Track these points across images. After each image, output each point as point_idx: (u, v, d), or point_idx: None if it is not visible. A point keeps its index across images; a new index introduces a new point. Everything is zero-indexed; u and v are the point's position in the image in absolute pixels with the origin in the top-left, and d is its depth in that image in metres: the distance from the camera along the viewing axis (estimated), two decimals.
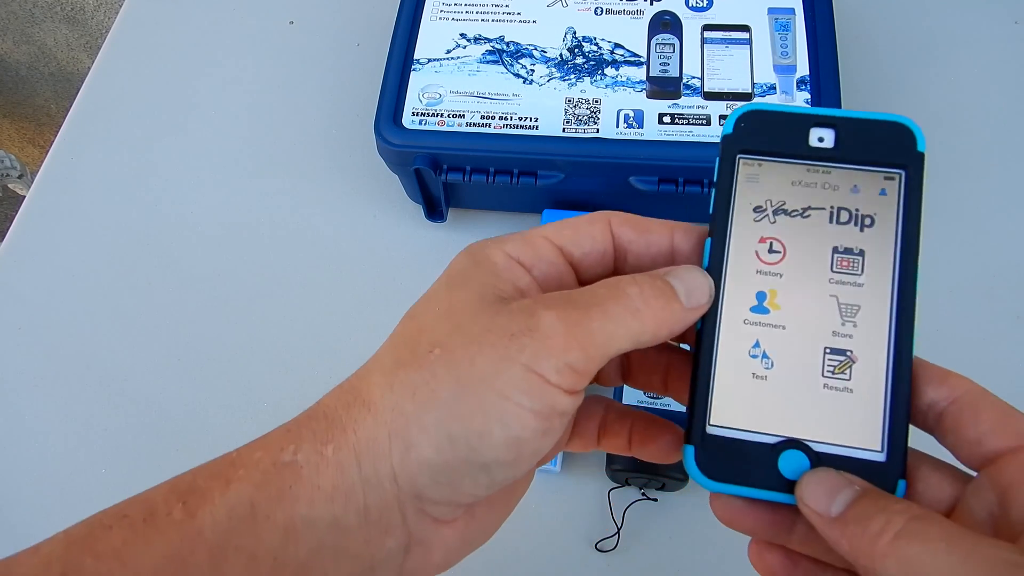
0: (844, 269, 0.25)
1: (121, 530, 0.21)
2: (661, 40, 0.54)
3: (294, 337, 0.57)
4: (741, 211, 0.26)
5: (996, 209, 0.57)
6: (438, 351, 0.22)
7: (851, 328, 0.24)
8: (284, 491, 0.22)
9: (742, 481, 0.24)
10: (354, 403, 0.23)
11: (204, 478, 0.23)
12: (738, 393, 0.25)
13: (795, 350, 0.25)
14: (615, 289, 0.23)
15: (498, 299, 0.23)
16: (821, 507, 0.22)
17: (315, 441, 0.23)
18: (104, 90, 0.69)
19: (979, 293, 0.54)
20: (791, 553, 0.25)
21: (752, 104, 0.27)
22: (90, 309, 0.59)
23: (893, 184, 0.25)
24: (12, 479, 0.53)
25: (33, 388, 0.56)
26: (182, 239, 0.61)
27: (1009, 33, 0.63)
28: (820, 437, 0.24)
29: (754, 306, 0.25)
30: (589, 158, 0.51)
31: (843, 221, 0.25)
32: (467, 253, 0.25)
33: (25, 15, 1.19)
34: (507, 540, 0.49)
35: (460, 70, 0.54)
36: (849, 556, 0.21)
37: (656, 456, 0.28)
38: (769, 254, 0.25)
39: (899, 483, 0.23)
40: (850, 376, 0.24)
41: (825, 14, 0.53)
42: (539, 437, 0.22)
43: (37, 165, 1.02)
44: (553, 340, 0.22)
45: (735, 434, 0.24)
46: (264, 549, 0.21)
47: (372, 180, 0.61)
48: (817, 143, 0.26)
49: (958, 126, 0.60)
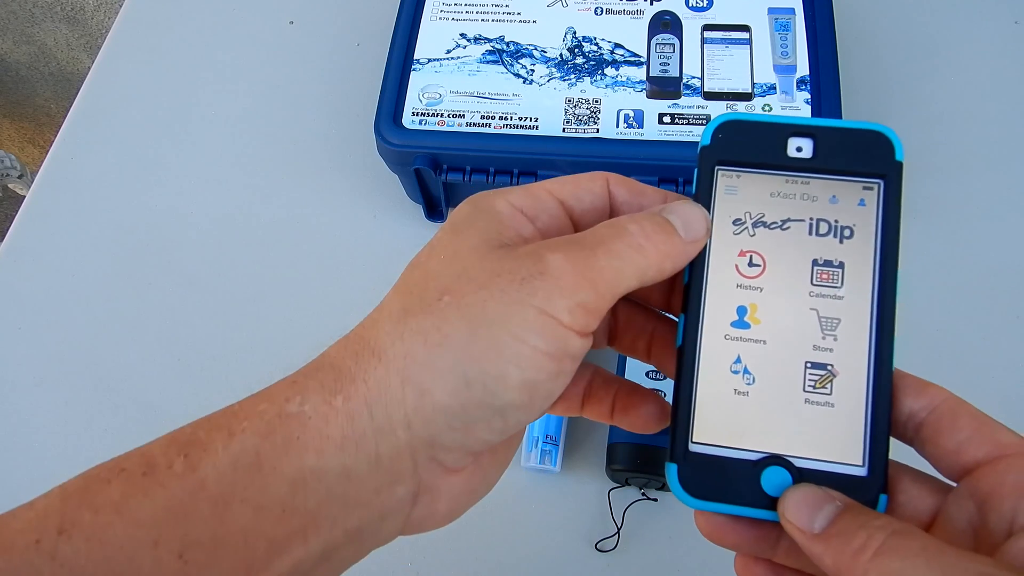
0: (824, 282, 0.25)
1: (120, 483, 0.21)
2: (661, 40, 0.54)
3: (294, 337, 0.57)
4: (720, 224, 0.26)
5: (996, 209, 0.57)
6: (447, 297, 0.22)
7: (832, 342, 0.24)
8: (291, 441, 0.21)
9: (725, 499, 0.24)
10: (362, 352, 0.23)
11: (205, 430, 0.22)
12: (720, 410, 0.24)
13: (776, 365, 0.24)
14: (616, 228, 0.23)
15: (503, 245, 0.23)
16: (803, 523, 0.22)
17: (323, 391, 0.22)
18: (104, 90, 0.69)
19: (979, 293, 0.54)
20: (776, 567, 0.25)
21: (729, 114, 0.26)
22: (90, 309, 0.59)
23: (872, 194, 0.25)
24: (12, 479, 0.53)
25: (33, 388, 0.56)
26: (182, 239, 0.61)
27: (1009, 33, 0.63)
28: (802, 453, 0.24)
29: (735, 321, 0.25)
30: (589, 158, 0.51)
31: (822, 233, 0.25)
32: (470, 203, 0.25)
33: (25, 15, 1.19)
34: (507, 540, 0.49)
35: (460, 70, 0.54)
36: (832, 572, 0.21)
37: (636, 425, 0.28)
38: (749, 267, 0.25)
39: (880, 498, 0.23)
40: (831, 390, 0.24)
41: (825, 14, 0.54)
42: (552, 379, 0.23)
43: (37, 165, 1.02)
44: (563, 280, 0.22)
45: (717, 451, 0.24)
46: (271, 500, 0.21)
47: (372, 180, 0.61)
48: (796, 153, 0.25)
49: (958, 126, 0.60)
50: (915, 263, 0.55)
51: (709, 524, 0.25)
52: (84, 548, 0.20)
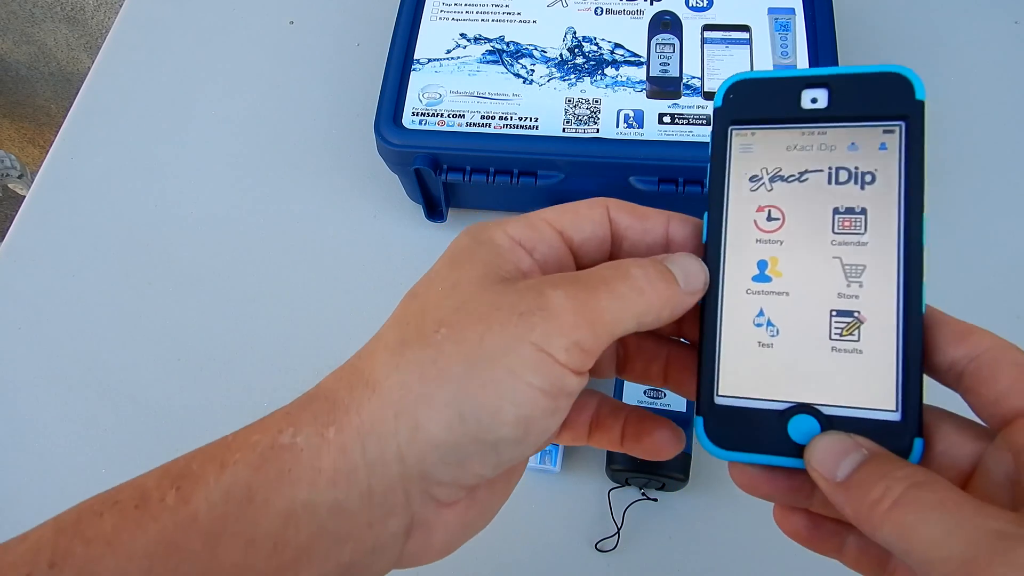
0: (846, 229, 0.24)
1: (112, 516, 0.21)
2: (661, 40, 0.54)
3: (294, 337, 0.57)
4: (737, 182, 0.26)
5: (996, 209, 0.57)
6: (445, 330, 0.22)
7: (857, 288, 0.24)
8: (283, 474, 0.21)
9: (753, 448, 0.24)
10: (357, 384, 0.23)
11: (198, 462, 0.22)
12: (745, 362, 0.25)
13: (800, 315, 0.24)
14: (620, 269, 0.23)
15: (502, 278, 0.23)
16: (827, 471, 0.22)
17: (316, 423, 0.22)
18: (104, 90, 0.69)
19: (979, 293, 0.54)
20: (814, 515, 0.25)
21: (740, 74, 0.26)
22: (90, 309, 0.59)
23: (893, 137, 0.24)
24: (12, 479, 0.54)
25: (33, 388, 0.56)
26: (182, 239, 0.61)
27: (1009, 33, 0.63)
28: (830, 400, 0.24)
29: (756, 275, 0.25)
30: (589, 158, 0.51)
31: (842, 181, 0.25)
32: (469, 233, 0.25)
33: (25, 15, 1.19)
34: (507, 540, 0.49)
35: (460, 70, 0.54)
36: (853, 521, 0.21)
37: (649, 452, 0.28)
38: (768, 222, 0.25)
39: (916, 441, 0.22)
40: (859, 337, 0.24)
41: (825, 14, 0.53)
42: (547, 416, 0.22)
43: (37, 165, 1.02)
44: (562, 319, 0.22)
45: (744, 403, 0.24)
46: (262, 534, 0.21)
47: (372, 180, 0.61)
48: (811, 104, 0.25)
49: (958, 126, 0.60)
50: None
51: (743, 476, 0.25)
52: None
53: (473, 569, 0.48)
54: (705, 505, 0.49)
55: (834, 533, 0.25)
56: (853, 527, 0.24)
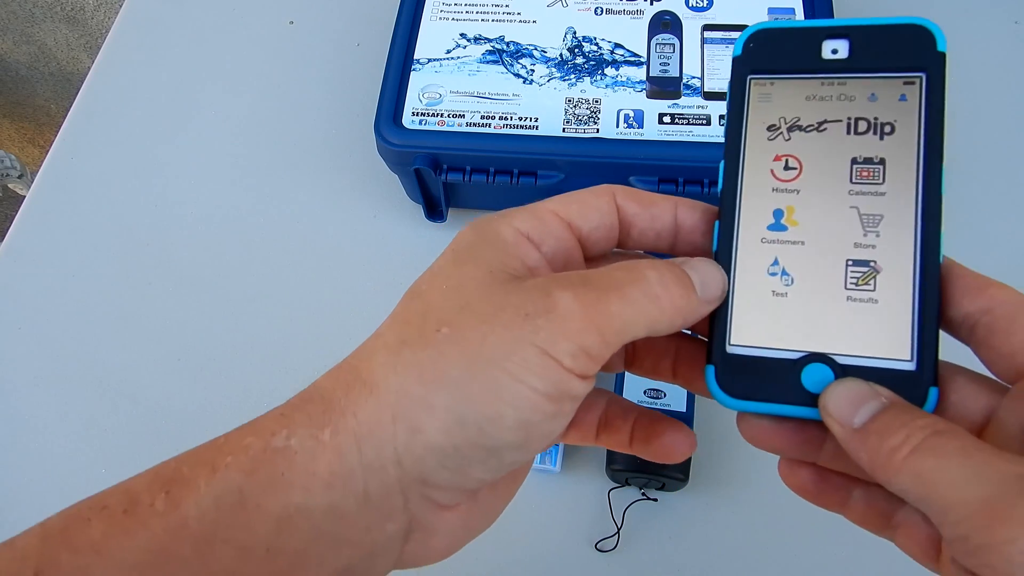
0: (864, 179, 0.24)
1: (100, 522, 0.20)
2: (661, 40, 0.54)
3: (294, 337, 0.57)
4: (754, 131, 0.25)
5: (996, 209, 0.57)
6: (446, 329, 0.21)
7: (874, 238, 0.24)
8: (276, 478, 0.21)
9: (765, 397, 0.24)
10: (354, 384, 0.22)
11: (189, 465, 0.21)
12: (758, 311, 0.24)
13: (816, 264, 0.24)
14: (634, 272, 0.22)
15: (509, 276, 0.22)
16: (844, 417, 0.21)
17: (310, 425, 0.21)
18: (104, 90, 0.69)
19: None
20: (821, 469, 0.25)
21: (761, 23, 0.26)
22: (90, 309, 0.59)
23: (913, 88, 0.24)
24: (12, 479, 0.53)
25: (33, 388, 0.56)
26: (182, 239, 0.61)
27: (1009, 33, 0.63)
28: (845, 350, 0.23)
29: (771, 224, 0.25)
30: (589, 158, 0.51)
31: (861, 131, 0.24)
32: (474, 228, 0.24)
33: (25, 15, 1.19)
34: (507, 540, 0.49)
35: (460, 70, 0.54)
36: (868, 468, 0.21)
37: (659, 455, 0.27)
38: (785, 171, 0.25)
39: (931, 391, 0.22)
40: (874, 287, 0.23)
41: (825, 14, 0.53)
42: (549, 420, 0.22)
43: (37, 165, 1.02)
44: (570, 322, 0.21)
45: (756, 352, 0.24)
46: (255, 540, 0.20)
47: (372, 180, 0.61)
48: (831, 55, 0.25)
49: (958, 126, 0.59)
50: None
51: (751, 427, 0.24)
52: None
53: (473, 569, 0.47)
54: (705, 505, 0.49)
55: (840, 487, 0.24)
56: (859, 482, 0.24)
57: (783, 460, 0.25)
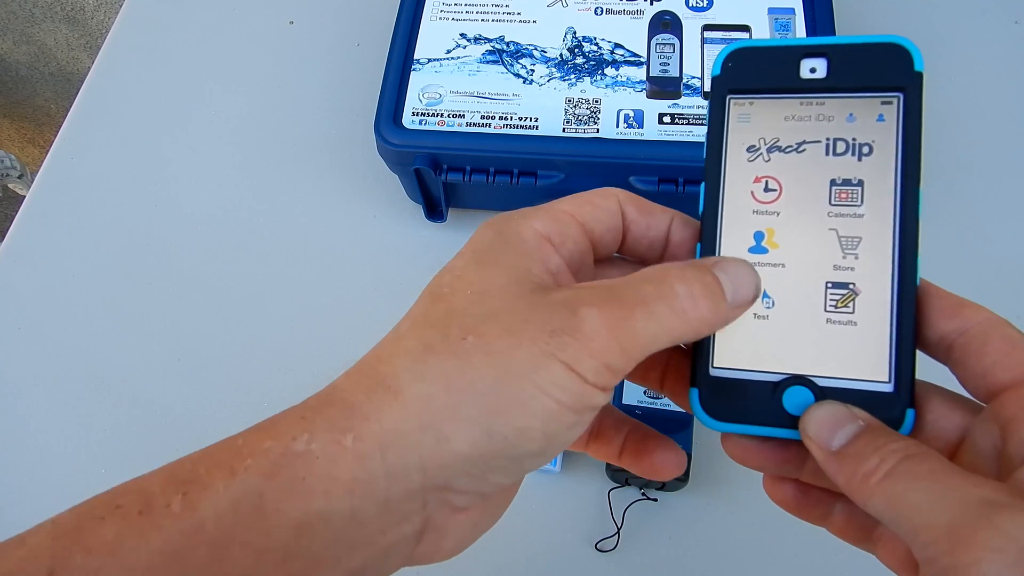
0: (843, 201, 0.24)
1: (114, 522, 0.20)
2: (661, 40, 0.54)
3: (294, 337, 0.57)
4: (734, 152, 0.25)
5: (996, 209, 0.57)
6: (472, 338, 0.21)
7: (852, 260, 0.24)
8: (296, 483, 0.20)
9: (747, 420, 0.24)
10: (376, 389, 0.22)
11: (206, 466, 0.21)
12: (740, 334, 0.24)
13: (796, 287, 0.24)
14: (662, 287, 0.22)
15: (534, 285, 0.23)
16: (823, 440, 0.22)
17: (332, 430, 0.21)
18: (104, 90, 0.69)
19: (979, 293, 0.53)
20: (803, 484, 0.25)
21: (739, 42, 0.26)
22: (90, 309, 0.59)
23: (891, 108, 0.24)
24: (12, 479, 0.53)
25: (33, 388, 0.56)
26: (182, 239, 0.61)
27: (1009, 33, 0.63)
28: (825, 372, 0.24)
29: (752, 246, 0.25)
30: (589, 158, 0.51)
31: (840, 152, 0.25)
32: (493, 228, 0.24)
33: (25, 15, 1.19)
34: (507, 540, 0.49)
35: (460, 70, 0.54)
36: (845, 491, 0.21)
37: (647, 472, 0.27)
38: (765, 193, 0.25)
39: (908, 412, 0.23)
40: (853, 309, 0.24)
41: (825, 14, 0.53)
42: (569, 430, 0.22)
43: (37, 165, 1.02)
44: (595, 342, 0.21)
45: (738, 374, 0.24)
46: (273, 544, 0.20)
47: (372, 180, 0.61)
48: (809, 74, 0.25)
49: (958, 126, 0.60)
50: None
51: (735, 447, 0.25)
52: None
53: (473, 569, 0.47)
54: (705, 505, 0.49)
55: (821, 501, 0.25)
56: (841, 496, 0.24)
57: (767, 476, 0.25)
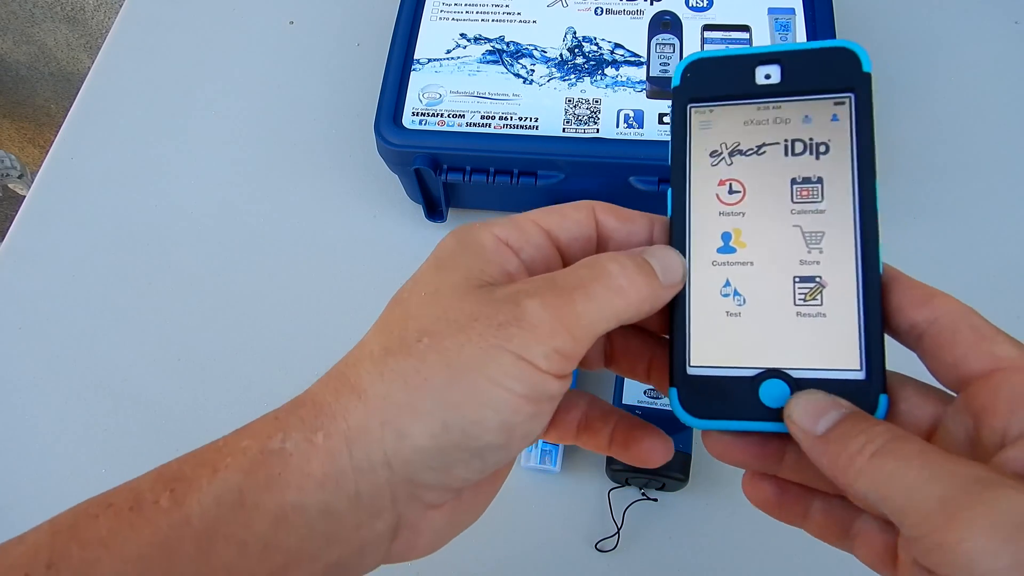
0: (804, 198, 0.25)
1: (107, 518, 0.21)
2: (661, 40, 0.54)
3: (294, 337, 0.57)
4: (697, 158, 0.26)
5: (996, 209, 0.57)
6: (427, 339, 0.22)
7: (817, 254, 0.25)
8: (273, 478, 0.22)
9: (726, 415, 0.25)
10: (343, 390, 0.23)
11: (191, 466, 0.22)
12: (714, 332, 0.25)
13: (765, 283, 0.25)
14: (596, 268, 0.24)
15: (484, 284, 0.24)
16: (807, 426, 0.23)
17: (304, 429, 0.22)
18: (104, 90, 0.69)
19: (980, 293, 0.53)
20: (781, 483, 0.26)
21: (696, 54, 0.27)
22: (90, 309, 0.59)
23: (844, 108, 0.25)
24: (12, 479, 0.54)
25: (33, 388, 0.56)
26: (182, 239, 0.61)
27: (1009, 33, 0.63)
28: (799, 364, 0.24)
29: (720, 247, 0.26)
30: (589, 158, 0.51)
31: (798, 152, 0.26)
32: (455, 235, 0.25)
33: (25, 15, 1.19)
34: (507, 540, 0.49)
35: (460, 70, 0.54)
36: (828, 473, 0.22)
37: (636, 459, 0.28)
38: (729, 195, 0.26)
39: (880, 398, 0.23)
40: (821, 301, 0.25)
41: (825, 14, 0.53)
42: (529, 421, 0.23)
43: (37, 165, 1.02)
44: (540, 328, 0.22)
45: (715, 372, 0.25)
46: (253, 536, 0.21)
47: (372, 180, 0.61)
48: (764, 80, 0.26)
49: (958, 126, 0.60)
50: (915, 263, 0.54)
51: (715, 443, 0.25)
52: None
53: (473, 569, 0.48)
54: (705, 505, 0.49)
55: (799, 499, 0.25)
56: (818, 493, 0.25)
57: (746, 476, 0.26)
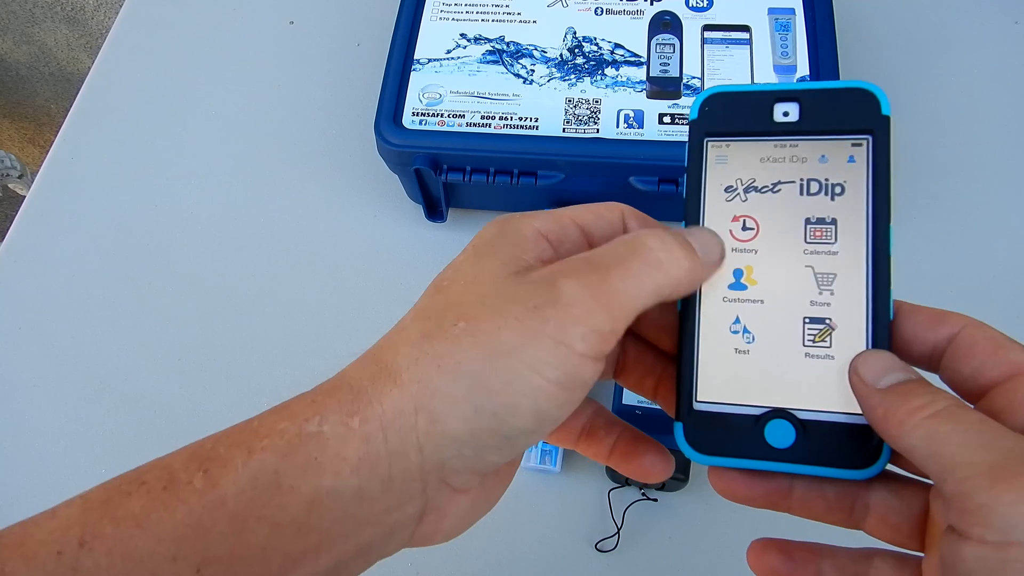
0: (818, 239, 0.25)
1: (140, 497, 0.21)
2: (661, 40, 0.54)
3: (294, 337, 0.57)
4: (712, 193, 0.26)
5: (996, 209, 0.57)
6: (463, 323, 0.22)
7: (828, 296, 0.25)
8: (309, 461, 0.22)
9: (731, 453, 0.25)
10: (379, 374, 0.23)
11: (225, 446, 0.22)
12: (722, 369, 0.25)
13: (775, 322, 0.25)
14: (634, 244, 0.23)
15: (520, 269, 0.24)
16: (871, 379, 0.22)
17: (341, 412, 0.22)
18: (104, 90, 0.69)
19: (980, 293, 0.54)
20: (787, 549, 0.25)
21: (715, 88, 0.27)
22: (90, 309, 0.59)
23: (861, 150, 0.25)
24: (12, 479, 0.54)
25: (33, 388, 0.56)
26: (182, 239, 0.61)
27: (1009, 33, 0.63)
28: (805, 405, 0.24)
29: (732, 283, 0.26)
30: (589, 158, 0.51)
31: (813, 192, 0.26)
32: (496, 224, 0.25)
33: (25, 15, 1.19)
34: (508, 540, 0.49)
35: (460, 70, 0.54)
36: (879, 423, 0.22)
37: (636, 474, 0.28)
38: (743, 231, 0.26)
39: (884, 447, 0.23)
40: (830, 343, 0.25)
41: (825, 14, 0.53)
42: (561, 407, 0.23)
43: (37, 165, 1.02)
44: (576, 308, 0.22)
45: (721, 408, 0.25)
46: (288, 518, 0.21)
47: (372, 180, 0.61)
48: (782, 118, 0.26)
49: (958, 126, 0.60)
50: (916, 262, 0.55)
51: (720, 480, 0.25)
52: (105, 562, 0.20)
53: (473, 569, 0.48)
54: (705, 505, 0.49)
55: (807, 561, 0.25)
56: (825, 554, 0.25)
57: (750, 551, 0.26)
